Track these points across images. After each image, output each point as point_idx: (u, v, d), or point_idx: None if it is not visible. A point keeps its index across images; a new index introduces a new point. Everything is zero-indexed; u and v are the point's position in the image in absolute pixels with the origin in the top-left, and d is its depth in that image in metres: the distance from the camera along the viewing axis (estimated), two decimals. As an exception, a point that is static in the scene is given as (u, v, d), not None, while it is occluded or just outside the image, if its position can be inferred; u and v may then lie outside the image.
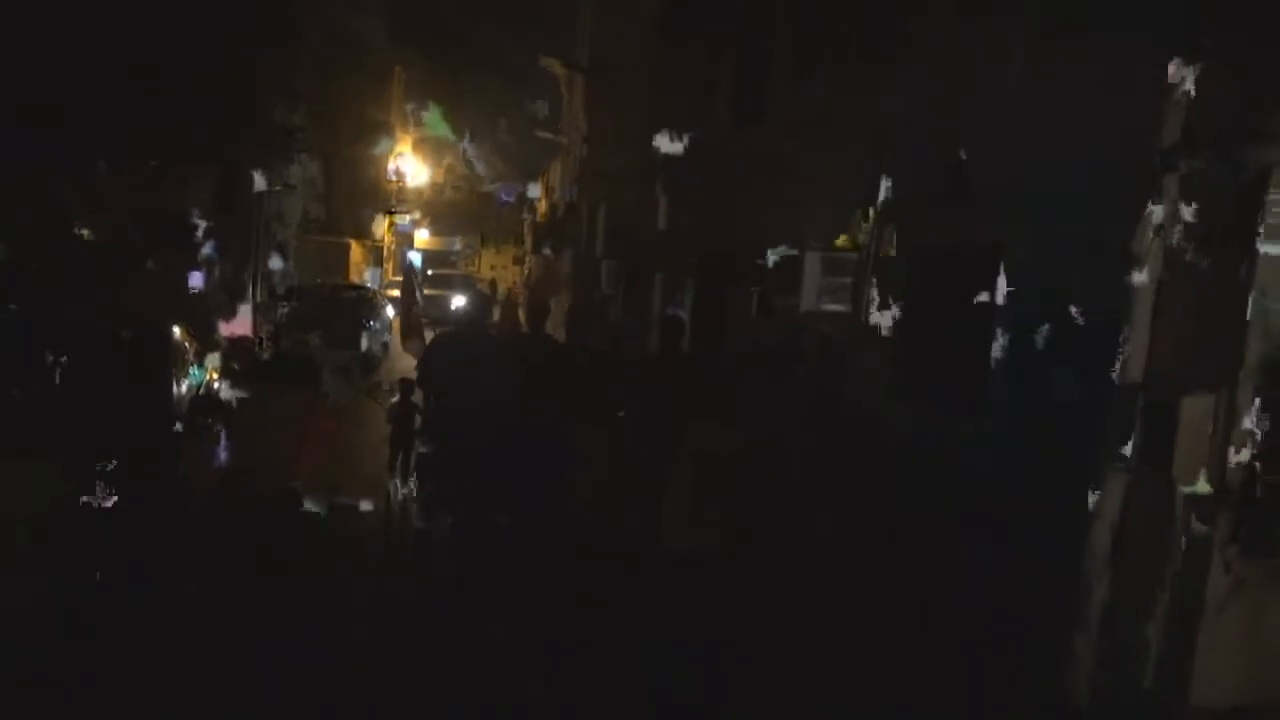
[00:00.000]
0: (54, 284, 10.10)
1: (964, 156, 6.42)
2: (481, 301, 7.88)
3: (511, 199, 35.48)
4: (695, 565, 5.08)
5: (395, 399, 8.27)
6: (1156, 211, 4.85)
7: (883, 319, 7.55)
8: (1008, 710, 5.05)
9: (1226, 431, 4.50)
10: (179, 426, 6.44)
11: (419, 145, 38.81)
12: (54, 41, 9.01)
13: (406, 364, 8.78)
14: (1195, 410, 4.58)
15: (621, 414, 6.32)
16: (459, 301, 18.71)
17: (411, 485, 8.14)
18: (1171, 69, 4.79)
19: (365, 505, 8.51)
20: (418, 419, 7.74)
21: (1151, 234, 4.88)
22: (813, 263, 8.17)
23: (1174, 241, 4.80)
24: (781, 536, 6.90)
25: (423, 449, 6.98)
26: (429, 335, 7.76)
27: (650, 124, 13.12)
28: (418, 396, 7.53)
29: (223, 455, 7.40)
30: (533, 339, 7.05)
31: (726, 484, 5.10)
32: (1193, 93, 4.75)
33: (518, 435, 5.96)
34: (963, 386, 6.33)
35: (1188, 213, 4.74)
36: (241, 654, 5.32)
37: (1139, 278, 4.94)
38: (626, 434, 6.04)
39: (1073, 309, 5.47)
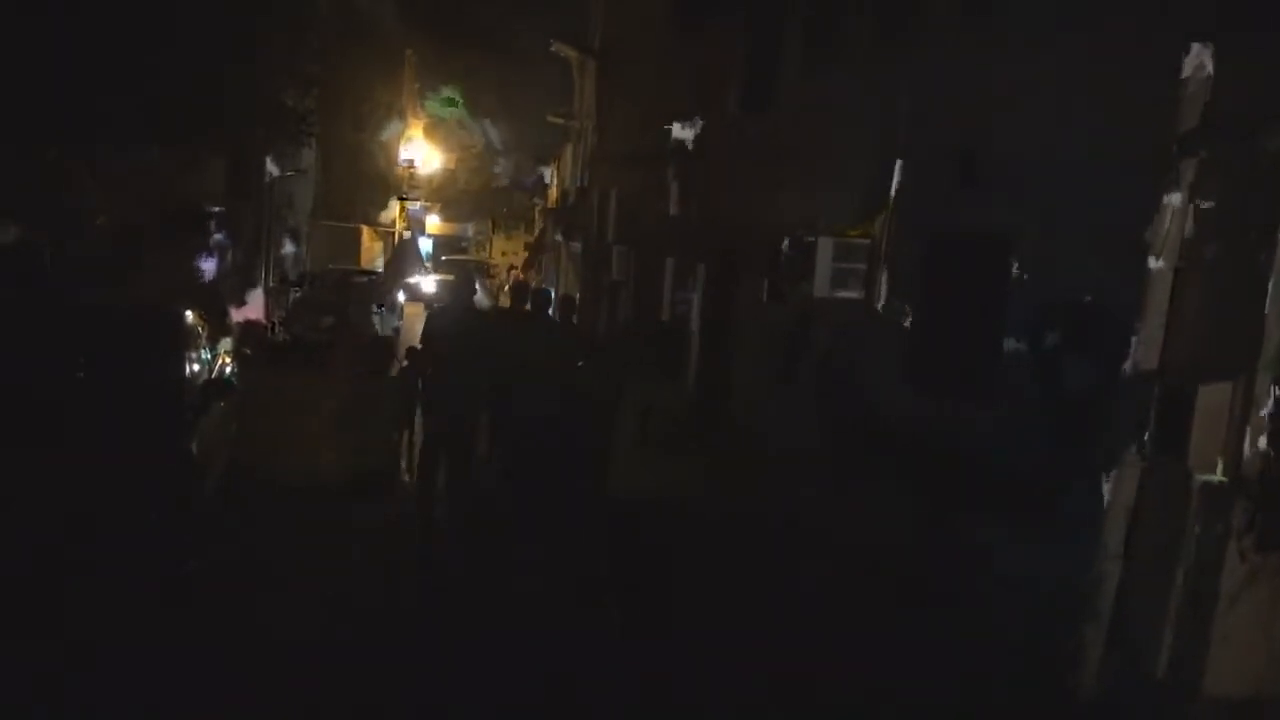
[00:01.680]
0: (68, 270, 10.13)
1: (977, 143, 6.36)
2: (467, 284, 9.58)
3: (530, 184, 35.55)
4: (640, 511, 5.35)
5: (404, 364, 8.51)
6: (1174, 198, 4.79)
7: (895, 306, 7.51)
8: (1019, 700, 5.04)
9: (1243, 421, 4.45)
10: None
11: (430, 130, 38.71)
12: (66, 27, 9.00)
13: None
14: (1212, 399, 4.53)
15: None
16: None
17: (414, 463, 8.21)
18: (1190, 53, 4.73)
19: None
20: (420, 384, 7.98)
21: (1169, 221, 4.82)
22: (825, 248, 8.11)
23: (1191, 228, 4.75)
24: (767, 506, 7.14)
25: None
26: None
27: (662, 109, 13.06)
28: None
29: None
30: (511, 314, 8.49)
31: (668, 438, 5.32)
32: (1212, 77, 4.68)
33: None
34: (975, 374, 6.29)
35: (1206, 199, 4.68)
36: (240, 633, 5.33)
37: (1156, 265, 4.89)
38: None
39: (1087, 297, 5.43)
